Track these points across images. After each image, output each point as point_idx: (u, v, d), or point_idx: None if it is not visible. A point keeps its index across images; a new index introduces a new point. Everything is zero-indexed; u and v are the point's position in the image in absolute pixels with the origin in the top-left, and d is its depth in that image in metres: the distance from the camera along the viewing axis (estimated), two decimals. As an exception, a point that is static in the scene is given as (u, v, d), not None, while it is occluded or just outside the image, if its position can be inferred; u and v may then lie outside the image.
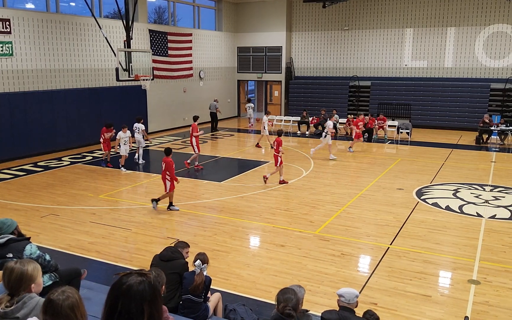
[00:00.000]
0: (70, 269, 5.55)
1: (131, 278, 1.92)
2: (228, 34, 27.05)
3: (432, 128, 22.86)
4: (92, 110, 18.39)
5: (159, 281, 4.55)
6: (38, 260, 4.93)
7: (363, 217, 9.97)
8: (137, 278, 1.92)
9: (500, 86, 22.19)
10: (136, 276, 1.94)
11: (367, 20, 24.78)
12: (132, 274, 1.96)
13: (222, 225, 9.46)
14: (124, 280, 1.92)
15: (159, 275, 4.39)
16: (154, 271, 4.35)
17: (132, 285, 1.89)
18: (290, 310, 3.84)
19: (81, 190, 12.06)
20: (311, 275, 7.17)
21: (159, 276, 4.38)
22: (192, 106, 24.19)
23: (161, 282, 4.37)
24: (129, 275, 1.94)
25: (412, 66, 24.14)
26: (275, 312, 3.99)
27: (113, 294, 1.91)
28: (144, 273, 1.98)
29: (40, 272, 3.49)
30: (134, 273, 1.96)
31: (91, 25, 17.93)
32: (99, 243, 8.53)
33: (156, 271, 4.42)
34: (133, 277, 1.92)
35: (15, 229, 5.20)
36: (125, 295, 1.88)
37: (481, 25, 22.40)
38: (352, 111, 23.99)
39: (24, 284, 3.31)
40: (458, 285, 6.89)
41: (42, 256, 5.01)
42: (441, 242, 8.62)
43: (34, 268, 3.40)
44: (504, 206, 10.69)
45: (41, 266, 4.95)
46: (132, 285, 1.89)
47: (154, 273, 2.06)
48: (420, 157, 16.38)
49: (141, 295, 1.89)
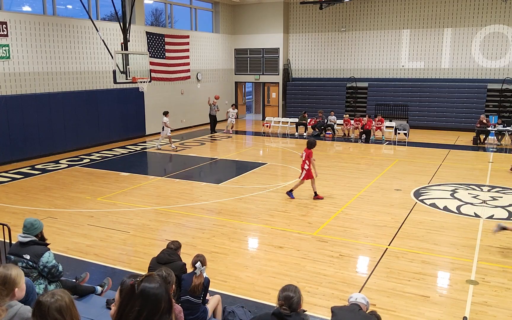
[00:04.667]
0: (88, 288, 5.56)
1: (147, 281, 1.99)
2: (225, 36, 27.06)
3: (429, 129, 22.91)
4: (90, 112, 18.38)
5: (169, 281, 4.58)
6: (51, 269, 4.94)
7: (361, 218, 9.97)
8: (154, 283, 2.00)
9: (497, 86, 22.26)
10: (152, 279, 2.00)
11: (363, 21, 24.83)
12: (144, 276, 2.01)
13: (220, 227, 9.45)
14: (143, 284, 1.97)
15: (169, 274, 4.41)
16: (164, 271, 4.38)
17: (150, 289, 1.95)
18: (286, 309, 3.88)
19: (79, 193, 12.04)
20: (310, 276, 7.17)
21: (169, 275, 4.40)
22: (190, 108, 24.21)
23: (171, 281, 4.39)
24: (143, 278, 2.00)
25: (409, 67, 24.20)
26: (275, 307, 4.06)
27: (129, 297, 1.96)
28: (158, 276, 2.05)
29: (23, 278, 3.46)
30: (146, 276, 2.01)
31: (88, 28, 17.91)
32: (97, 246, 8.51)
33: (166, 271, 4.44)
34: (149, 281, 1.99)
35: (40, 233, 5.19)
36: (144, 298, 1.94)
37: (478, 26, 22.48)
38: (350, 112, 24.02)
39: (7, 289, 3.28)
40: (457, 286, 6.90)
41: (56, 266, 5.01)
42: (439, 242, 8.63)
43: (18, 273, 3.38)
44: (502, 206, 10.71)
45: (52, 275, 4.96)
46: (150, 289, 1.95)
47: (164, 273, 2.11)
48: (417, 158, 16.41)
49: (158, 299, 1.94)
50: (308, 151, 11.21)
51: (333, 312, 4.65)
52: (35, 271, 4.91)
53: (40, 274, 4.94)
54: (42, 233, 5.22)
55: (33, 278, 4.82)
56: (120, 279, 2.52)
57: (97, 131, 18.79)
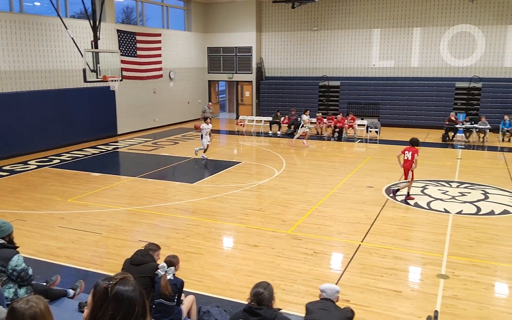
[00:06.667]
0: (59, 291, 5.46)
1: (121, 284, 1.94)
2: (198, 34, 26.89)
3: (400, 127, 23.34)
4: (59, 112, 17.97)
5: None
6: (21, 273, 4.81)
7: (334, 215, 10.09)
8: (128, 286, 1.94)
9: (465, 84, 22.85)
10: (126, 282, 1.96)
11: (335, 20, 25.09)
12: (118, 279, 1.96)
13: (195, 227, 9.40)
14: (117, 287, 1.93)
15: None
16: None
17: (124, 292, 1.91)
18: (254, 305, 3.96)
19: (49, 195, 11.76)
20: (285, 274, 7.21)
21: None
22: (163, 107, 23.96)
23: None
24: (117, 281, 1.95)
25: (380, 66, 24.59)
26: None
27: (102, 300, 1.92)
28: (132, 279, 2.01)
29: None
30: (120, 279, 1.97)
31: (57, 25, 17.50)
32: (68, 248, 8.34)
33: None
34: (123, 284, 1.95)
35: (8, 235, 5.03)
36: (118, 302, 1.90)
37: (446, 25, 23.01)
38: (323, 111, 24.24)
39: None
40: (428, 280, 7.06)
41: (25, 270, 4.88)
42: (411, 238, 8.81)
43: None
44: (470, 201, 11.01)
45: (22, 279, 4.84)
46: (124, 292, 1.91)
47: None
48: (388, 155, 16.68)
49: (132, 302, 1.91)
50: (415, 149, 11.08)
51: (308, 309, 4.70)
52: (3, 275, 4.78)
53: (9, 278, 4.81)
54: (10, 236, 5.08)
55: (2, 282, 4.69)
56: (93, 281, 2.47)
57: (67, 131, 18.39)
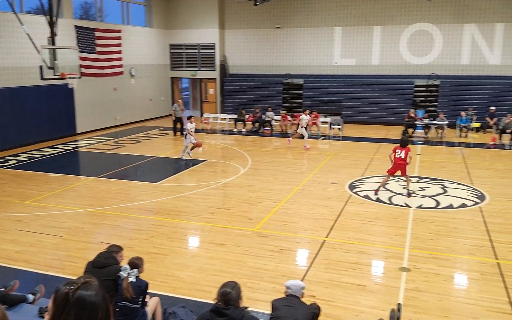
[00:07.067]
0: (18, 296, 5.25)
1: (83, 289, 1.87)
2: (159, 30, 26.48)
3: (361, 124, 23.76)
4: (15, 111, 17.29)
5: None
6: None
7: (299, 212, 10.16)
8: (90, 290, 1.89)
9: (424, 82, 23.49)
10: (88, 287, 1.88)
11: (297, 18, 25.26)
12: (80, 284, 1.88)
13: (159, 227, 9.25)
14: (79, 292, 1.85)
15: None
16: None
17: (86, 297, 1.84)
18: (222, 305, 3.95)
19: (5, 196, 11.30)
20: (251, 272, 7.20)
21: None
22: (124, 104, 23.47)
23: None
24: (78, 285, 1.87)
25: (342, 64, 24.94)
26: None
27: (63, 305, 1.84)
28: (93, 283, 1.93)
29: None
30: (82, 283, 1.89)
31: (12, 21, 16.78)
32: (27, 251, 8.04)
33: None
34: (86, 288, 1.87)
35: None
36: (79, 307, 1.83)
37: (405, 24, 23.58)
38: (287, 108, 24.39)
39: None
40: (390, 273, 7.22)
41: None
42: (373, 232, 8.99)
43: None
44: (429, 195, 11.34)
45: None
46: (87, 297, 1.84)
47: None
48: (351, 152, 16.98)
49: (95, 307, 1.85)
50: (407, 148, 11.19)
51: (274, 306, 4.71)
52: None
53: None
54: None
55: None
56: (54, 285, 2.37)
57: (24, 131, 17.72)
